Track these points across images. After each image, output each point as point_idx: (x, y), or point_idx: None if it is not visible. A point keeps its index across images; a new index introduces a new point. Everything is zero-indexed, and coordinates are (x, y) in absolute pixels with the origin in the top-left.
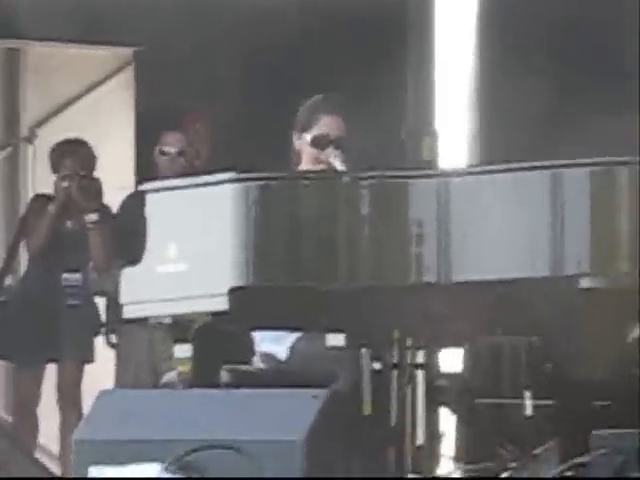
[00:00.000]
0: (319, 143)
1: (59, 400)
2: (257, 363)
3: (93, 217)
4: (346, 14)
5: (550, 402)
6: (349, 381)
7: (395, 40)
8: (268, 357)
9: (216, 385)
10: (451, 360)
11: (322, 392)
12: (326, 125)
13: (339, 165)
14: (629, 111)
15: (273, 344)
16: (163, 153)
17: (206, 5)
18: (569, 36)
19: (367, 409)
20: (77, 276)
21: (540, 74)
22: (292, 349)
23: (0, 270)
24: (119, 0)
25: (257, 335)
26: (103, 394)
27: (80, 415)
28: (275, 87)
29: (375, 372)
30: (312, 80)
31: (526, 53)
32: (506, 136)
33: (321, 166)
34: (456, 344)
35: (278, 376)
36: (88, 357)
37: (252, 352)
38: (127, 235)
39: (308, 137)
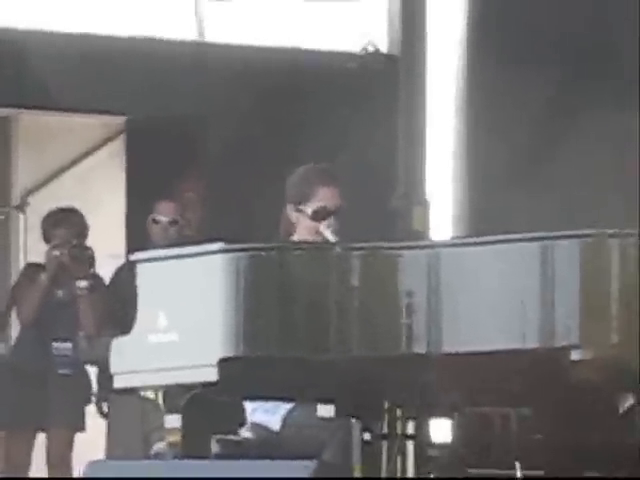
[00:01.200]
0: (319, 215)
1: (49, 468)
2: (245, 433)
3: (83, 284)
4: (334, 81)
5: (540, 473)
6: (339, 452)
7: (386, 109)
8: (260, 427)
9: (206, 456)
10: (441, 430)
11: (312, 463)
12: (325, 197)
13: (330, 236)
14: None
15: (265, 414)
16: (156, 222)
17: (196, 75)
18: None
19: None
20: (68, 345)
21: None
22: (285, 420)
23: None
24: (109, 70)
25: (249, 405)
26: (93, 465)
27: None
28: (265, 157)
29: (365, 443)
30: (301, 150)
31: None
32: (498, 205)
33: (316, 237)
34: (446, 414)
35: (268, 446)
36: (79, 426)
37: (243, 422)
38: (119, 304)
39: (309, 210)
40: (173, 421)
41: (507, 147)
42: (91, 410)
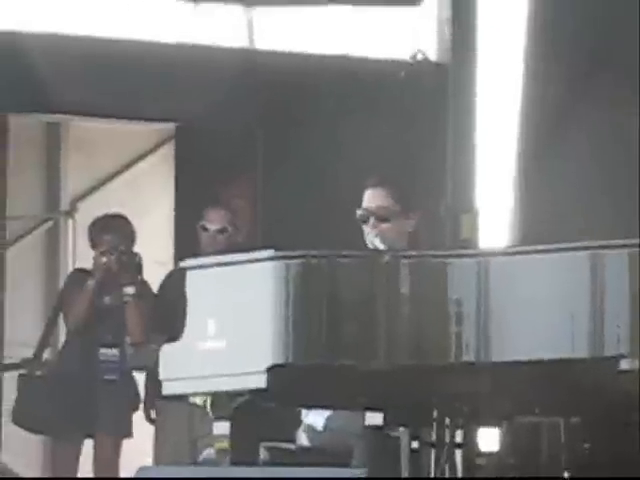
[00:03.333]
0: (362, 217)
1: (96, 475)
2: (300, 435)
3: (130, 290)
4: (383, 89)
5: None
6: (386, 460)
7: (435, 117)
8: (309, 428)
9: (255, 463)
10: (490, 439)
11: (360, 471)
12: (367, 198)
13: (380, 244)
14: None
15: (315, 416)
16: (205, 229)
17: (246, 82)
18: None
19: None
20: (114, 351)
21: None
22: (328, 422)
23: (38, 344)
24: (159, 76)
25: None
26: (142, 471)
27: None
28: (314, 165)
29: (413, 451)
30: (351, 157)
31: (568, 135)
32: (548, 216)
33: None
34: (494, 423)
35: (316, 454)
36: (125, 432)
37: (292, 429)
38: (167, 311)
39: (358, 212)
40: (222, 428)
41: (560, 158)
42: (138, 417)
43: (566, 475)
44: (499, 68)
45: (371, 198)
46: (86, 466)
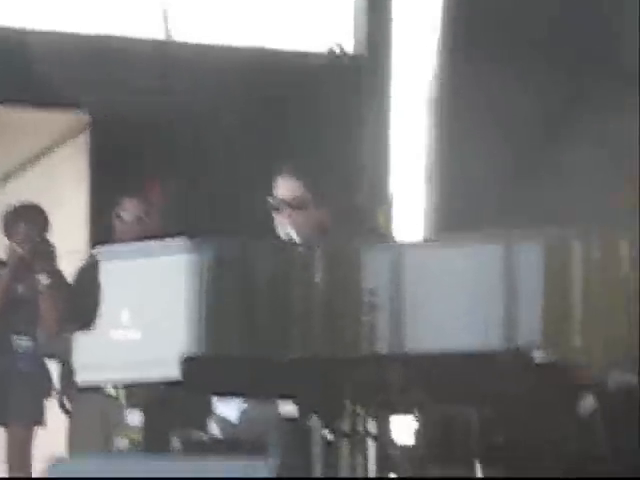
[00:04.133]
0: (276, 205)
1: (8, 463)
2: (212, 426)
3: (44, 280)
4: (300, 81)
5: (501, 474)
6: (300, 450)
7: (352, 109)
8: (221, 420)
9: (167, 452)
10: (402, 430)
11: (272, 461)
12: (280, 187)
13: (294, 233)
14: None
15: (226, 407)
16: (120, 218)
17: (162, 73)
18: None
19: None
20: (28, 340)
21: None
22: (242, 413)
23: None
24: (74, 65)
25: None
26: (55, 460)
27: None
28: (230, 155)
29: (326, 441)
30: (268, 147)
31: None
32: (461, 207)
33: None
34: (407, 413)
35: (229, 444)
36: (38, 421)
37: (204, 418)
38: (81, 300)
39: (270, 201)
40: (135, 418)
41: (472, 147)
42: (52, 405)
43: (478, 467)
44: (414, 59)
45: (284, 187)
46: None
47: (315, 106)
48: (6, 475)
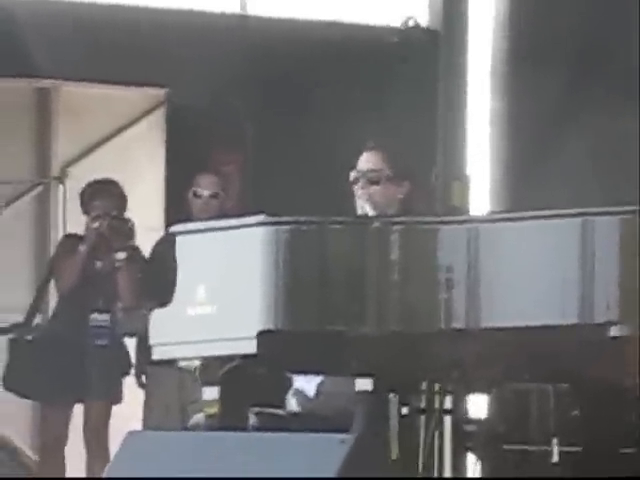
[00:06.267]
0: (354, 178)
1: (85, 440)
2: (290, 399)
3: (122, 256)
4: (375, 55)
5: (577, 449)
6: (371, 423)
7: (426, 84)
8: (299, 393)
9: (244, 428)
10: (479, 406)
11: (349, 437)
12: (361, 161)
13: (370, 210)
14: None
15: (304, 381)
16: (197, 195)
17: (238, 48)
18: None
19: (395, 454)
20: (105, 316)
21: (574, 119)
22: (319, 387)
23: (29, 309)
24: (150, 42)
25: None
26: (131, 435)
27: (107, 456)
28: (306, 131)
29: (403, 417)
30: (342, 124)
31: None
32: (537, 183)
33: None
34: (484, 390)
35: (306, 419)
36: (116, 397)
37: (281, 394)
38: (158, 276)
39: (351, 176)
40: (211, 393)
41: (545, 125)
42: (129, 382)
43: (554, 442)
44: (490, 34)
45: (364, 161)
46: (76, 431)
47: (391, 81)
48: (84, 451)
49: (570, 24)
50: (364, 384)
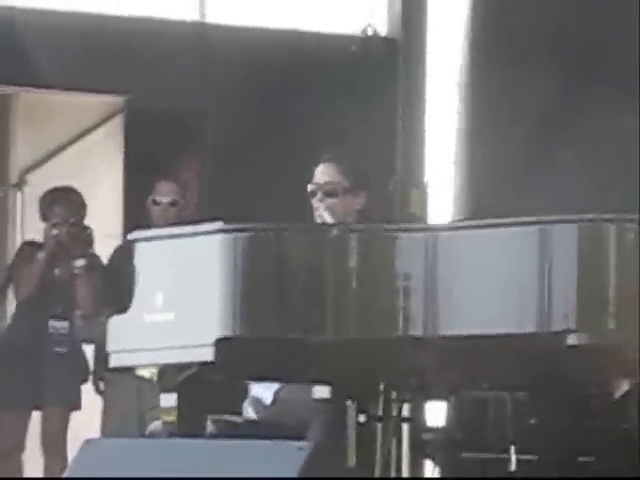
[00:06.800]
0: (312, 191)
1: (43, 447)
2: (247, 406)
3: (81, 263)
4: (333, 64)
5: (535, 457)
6: (329, 431)
7: (385, 89)
8: (256, 401)
9: (201, 435)
10: (436, 413)
11: (307, 444)
12: (318, 173)
13: (328, 217)
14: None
15: (261, 389)
16: (156, 203)
17: (195, 55)
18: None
19: (352, 461)
20: (64, 323)
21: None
22: (277, 394)
23: None
24: (108, 49)
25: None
26: (88, 443)
27: (65, 463)
28: (263, 139)
29: (360, 424)
30: (299, 132)
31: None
32: (496, 190)
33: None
34: (442, 397)
35: (263, 427)
36: (74, 404)
37: (239, 401)
38: (116, 284)
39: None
40: (169, 400)
41: (506, 132)
42: (87, 389)
43: (512, 450)
44: (448, 42)
45: (320, 173)
46: (34, 438)
47: (348, 89)
48: (42, 459)
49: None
50: (322, 391)
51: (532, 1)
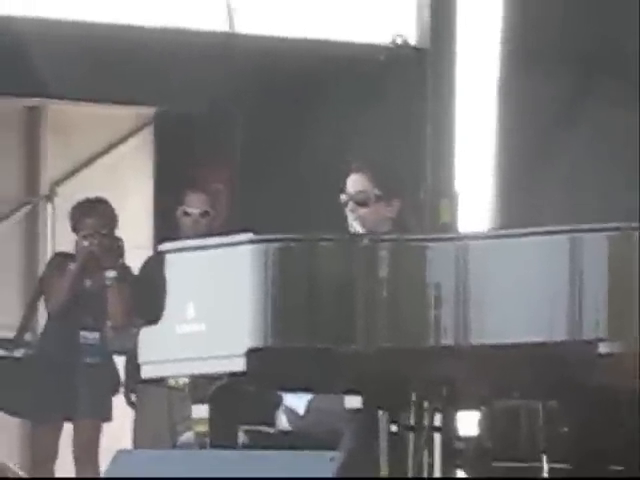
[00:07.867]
0: (344, 201)
1: (75, 458)
2: (280, 416)
3: (112, 274)
4: (362, 73)
5: (567, 466)
6: (360, 440)
7: (415, 98)
8: (289, 411)
9: (233, 446)
10: (468, 423)
11: (339, 454)
12: (349, 183)
13: (359, 227)
14: None
15: (294, 398)
16: (186, 214)
17: (225, 66)
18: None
19: (384, 472)
20: (95, 334)
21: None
22: (309, 404)
23: (19, 327)
24: (139, 61)
25: None
26: (120, 454)
27: (97, 474)
28: (293, 149)
29: (392, 434)
30: (330, 141)
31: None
32: (527, 199)
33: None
34: (473, 407)
35: (296, 437)
36: (105, 416)
37: (271, 412)
38: (147, 295)
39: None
40: (200, 411)
41: (537, 141)
42: (119, 400)
43: (544, 458)
44: (478, 52)
45: (352, 183)
46: (66, 450)
47: (378, 98)
48: (74, 471)
49: (564, 34)
50: (353, 401)
51: (564, 11)
